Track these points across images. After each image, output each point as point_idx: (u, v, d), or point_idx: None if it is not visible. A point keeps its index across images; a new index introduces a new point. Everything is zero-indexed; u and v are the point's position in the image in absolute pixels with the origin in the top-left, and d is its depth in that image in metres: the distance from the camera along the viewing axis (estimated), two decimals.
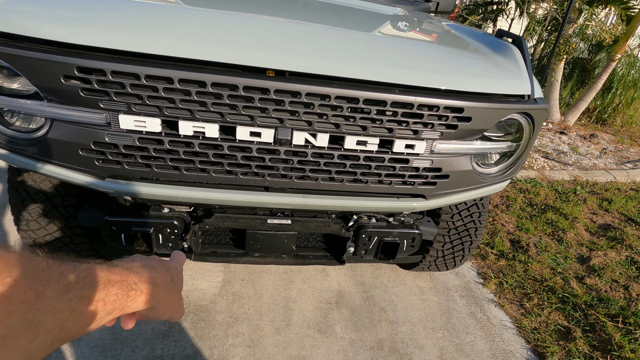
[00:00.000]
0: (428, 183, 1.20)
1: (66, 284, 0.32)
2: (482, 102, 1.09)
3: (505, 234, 2.72)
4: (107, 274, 0.37)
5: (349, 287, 2.13)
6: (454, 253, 1.91)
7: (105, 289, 0.36)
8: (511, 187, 3.39)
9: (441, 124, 1.09)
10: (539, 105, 1.19)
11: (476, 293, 2.21)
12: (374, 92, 1.00)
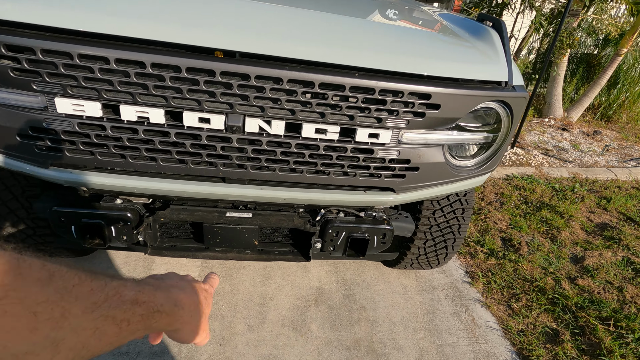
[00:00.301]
0: (396, 176, 1.13)
1: (93, 302, 0.32)
2: (453, 89, 1.01)
3: (497, 231, 2.63)
4: (136, 293, 0.37)
5: (330, 284, 2.07)
6: (437, 251, 1.83)
7: (131, 309, 0.35)
8: (507, 184, 3.29)
9: (407, 111, 1.01)
10: (517, 93, 1.11)
11: (462, 293, 2.13)
12: (330, 75, 0.92)
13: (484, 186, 3.20)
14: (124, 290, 0.36)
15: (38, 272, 0.28)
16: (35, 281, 0.27)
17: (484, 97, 1.06)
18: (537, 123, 5.21)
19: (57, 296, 0.29)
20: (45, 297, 0.27)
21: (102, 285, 0.34)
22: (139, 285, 0.39)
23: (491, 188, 3.18)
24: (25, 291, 0.26)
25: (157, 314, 0.39)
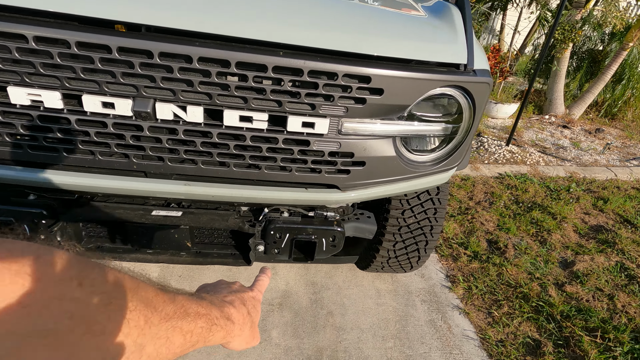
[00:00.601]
0: (339, 171, 0.99)
1: (167, 313, 0.34)
2: (398, 71, 0.87)
3: (483, 233, 2.48)
4: (197, 307, 0.39)
5: (298, 287, 1.95)
6: (408, 254, 1.70)
7: (194, 321, 0.38)
8: (498, 182, 3.14)
9: (344, 96, 0.87)
10: (478, 78, 0.97)
11: (441, 298, 1.99)
12: (248, 53, 0.79)
13: (473, 184, 3.06)
14: (188, 303, 0.38)
15: (130, 282, 0.31)
16: (129, 290, 0.30)
17: (438, 82, 0.93)
18: (537, 120, 5.02)
19: (142, 305, 0.31)
20: (135, 305, 0.30)
21: (172, 298, 0.36)
22: (198, 298, 0.42)
23: (481, 187, 3.03)
24: (123, 299, 0.29)
25: (215, 327, 0.41)
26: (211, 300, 0.44)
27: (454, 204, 2.79)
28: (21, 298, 0.23)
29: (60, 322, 0.24)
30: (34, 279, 0.24)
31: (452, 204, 2.79)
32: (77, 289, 0.26)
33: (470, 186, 3.03)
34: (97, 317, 0.26)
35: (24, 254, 0.25)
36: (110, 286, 0.29)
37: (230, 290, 0.50)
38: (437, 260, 2.26)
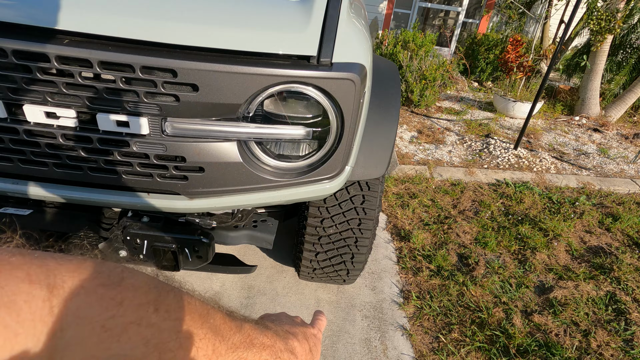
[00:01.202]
0: (174, 177, 0.88)
1: (233, 343, 0.34)
2: (215, 63, 0.73)
3: (456, 246, 2.24)
4: (263, 337, 0.39)
5: (232, 290, 1.86)
6: (334, 266, 1.55)
7: (259, 353, 0.37)
8: (492, 190, 2.83)
9: (152, 92, 0.75)
10: (332, 73, 0.80)
11: (386, 315, 1.82)
12: (27, 41, 0.70)
13: (462, 191, 2.78)
14: (254, 333, 0.38)
15: (200, 308, 0.31)
16: (199, 317, 0.30)
17: (273, 78, 0.78)
18: (565, 121, 4.51)
19: (211, 333, 0.31)
20: (204, 333, 0.30)
21: (239, 326, 0.36)
22: (264, 329, 0.41)
23: (470, 194, 2.75)
24: (194, 326, 0.29)
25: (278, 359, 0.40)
26: (276, 331, 0.43)
27: (433, 212, 2.55)
28: (104, 322, 0.23)
29: (136, 348, 0.24)
30: (116, 302, 0.24)
31: (431, 211, 2.55)
32: (153, 315, 0.26)
33: (458, 193, 2.76)
34: (169, 344, 0.26)
35: (111, 277, 0.25)
36: (183, 312, 0.29)
37: (293, 323, 0.49)
38: (397, 272, 2.07)
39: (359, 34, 0.90)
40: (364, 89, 0.90)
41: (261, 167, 0.91)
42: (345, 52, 0.84)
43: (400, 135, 3.76)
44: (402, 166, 3.06)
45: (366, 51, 0.90)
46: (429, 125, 4.04)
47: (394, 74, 1.44)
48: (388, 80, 1.37)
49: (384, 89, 1.32)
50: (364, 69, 0.87)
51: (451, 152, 3.44)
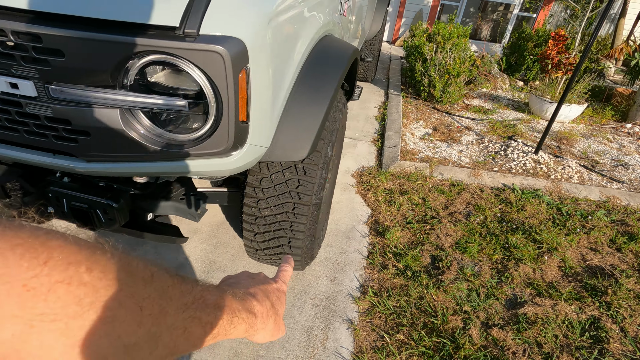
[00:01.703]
0: (64, 139, 0.94)
1: (184, 303, 0.34)
2: (76, 30, 0.78)
3: (433, 248, 2.12)
4: (217, 298, 0.39)
5: (195, 264, 1.95)
6: (273, 248, 1.55)
7: (214, 313, 0.37)
8: (493, 195, 2.62)
9: (24, 56, 0.82)
10: (196, 44, 0.81)
11: (338, 307, 1.79)
12: None
13: (459, 192, 2.61)
14: (207, 294, 0.37)
15: (143, 271, 0.30)
16: (141, 279, 0.30)
17: (138, 47, 0.80)
18: (612, 128, 4.00)
19: (157, 294, 0.30)
20: (148, 294, 0.30)
21: (190, 288, 0.35)
22: (219, 290, 0.40)
23: (468, 196, 2.57)
24: (135, 287, 0.29)
25: (236, 319, 0.41)
26: (233, 293, 0.43)
27: (420, 211, 2.43)
28: (26, 281, 0.22)
29: (68, 307, 0.24)
30: (40, 262, 0.23)
31: (418, 210, 2.44)
32: (85, 274, 0.25)
33: (454, 194, 2.60)
34: (107, 303, 0.26)
35: (32, 237, 0.24)
36: (122, 273, 0.28)
37: (253, 282, 0.49)
38: (363, 267, 2.02)
39: (244, 8, 0.89)
40: (244, 63, 0.89)
41: (146, 136, 0.95)
42: (218, 24, 0.84)
43: (413, 131, 3.61)
44: (402, 162, 2.94)
45: (252, 26, 0.89)
46: (448, 122, 3.82)
47: (341, 59, 1.39)
48: (331, 64, 1.33)
49: (322, 72, 1.29)
50: (241, 43, 0.86)
51: (462, 152, 3.23)
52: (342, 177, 2.78)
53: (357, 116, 3.91)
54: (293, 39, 1.14)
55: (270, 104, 1.08)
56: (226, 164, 1.04)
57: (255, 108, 1.01)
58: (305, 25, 1.21)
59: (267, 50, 0.97)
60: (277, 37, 1.02)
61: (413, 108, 4.12)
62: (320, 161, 1.41)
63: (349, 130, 3.56)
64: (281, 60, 1.08)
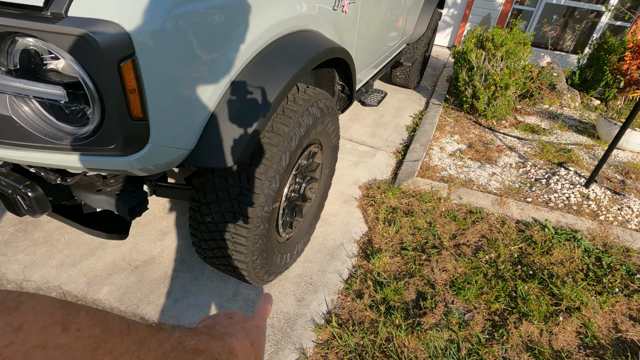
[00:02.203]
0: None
1: (162, 353, 0.33)
2: None
3: (423, 282, 1.83)
4: (196, 343, 0.38)
5: (166, 260, 1.90)
6: (219, 259, 1.43)
7: (193, 358, 0.37)
8: (516, 230, 2.21)
9: None
10: (59, 27, 0.71)
11: (295, 332, 1.62)
12: None
13: (475, 222, 2.25)
14: (185, 340, 0.37)
15: (119, 324, 0.30)
16: (118, 332, 0.29)
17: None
18: None
19: (135, 347, 0.30)
20: (126, 347, 0.29)
21: (167, 336, 0.35)
22: (196, 334, 0.40)
23: (484, 227, 2.21)
24: (112, 341, 0.28)
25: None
26: (210, 334, 0.42)
27: (421, 237, 2.14)
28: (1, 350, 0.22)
29: None
30: (14, 328, 0.23)
31: (420, 235, 2.15)
32: (62, 335, 0.25)
33: (468, 223, 2.25)
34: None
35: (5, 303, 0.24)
36: (97, 329, 0.28)
37: (231, 321, 0.48)
38: (337, 291, 1.82)
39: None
40: (127, 52, 0.77)
41: (34, 123, 0.88)
42: (93, 5, 0.74)
43: (443, 145, 3.25)
44: (418, 179, 2.65)
45: (141, 10, 0.77)
46: (487, 139, 3.39)
47: (300, 58, 1.21)
48: (280, 65, 1.17)
49: (265, 73, 1.13)
50: (119, 29, 0.75)
51: (494, 175, 2.82)
52: (348, 188, 2.58)
53: (387, 124, 3.65)
54: (227, 32, 1.00)
55: (186, 102, 0.96)
56: (125, 164, 0.94)
57: (159, 105, 0.90)
58: (248, 17, 1.06)
59: (170, 41, 0.85)
60: (192, 28, 0.89)
61: (452, 120, 3.73)
62: (269, 170, 1.26)
63: (373, 139, 3.32)
64: (204, 54, 0.95)
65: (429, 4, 3.79)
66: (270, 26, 1.17)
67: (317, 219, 2.07)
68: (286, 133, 1.29)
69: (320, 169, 1.92)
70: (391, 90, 4.56)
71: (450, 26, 7.41)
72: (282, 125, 1.29)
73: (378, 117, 3.79)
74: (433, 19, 4.02)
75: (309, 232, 2.00)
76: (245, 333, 0.46)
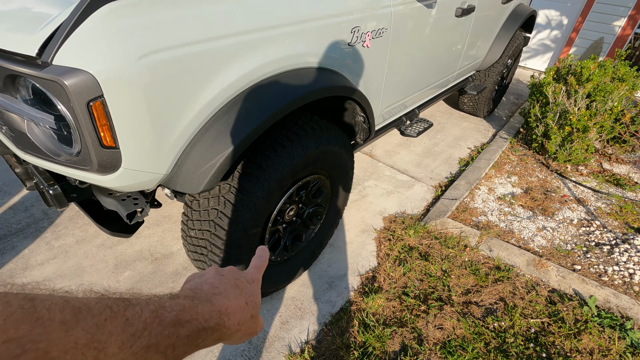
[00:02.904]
0: (4, 132, 1.18)
1: (131, 334, 0.28)
2: None
3: (412, 336, 1.71)
4: (177, 314, 0.33)
5: (157, 247, 2.12)
6: (201, 267, 1.55)
7: (174, 332, 0.32)
8: (547, 300, 1.90)
9: None
10: (42, 73, 0.88)
11: (268, 354, 1.67)
12: None
13: (500, 280, 2.01)
14: (163, 312, 0.32)
15: (60, 313, 0.23)
16: (59, 325, 0.23)
17: (6, 70, 0.94)
18: None
19: (88, 337, 0.24)
20: (73, 341, 0.23)
21: (137, 312, 0.30)
22: (177, 301, 0.35)
23: (506, 289, 1.95)
24: (48, 340, 0.22)
25: (203, 331, 0.35)
26: (196, 297, 0.38)
27: (429, 284, 1.99)
28: None
29: None
30: None
31: (428, 282, 2.00)
32: None
33: (490, 280, 2.02)
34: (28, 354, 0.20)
35: None
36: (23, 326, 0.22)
37: (222, 278, 0.43)
38: (324, 322, 1.82)
39: (103, 44, 0.92)
40: (95, 94, 0.92)
41: (43, 143, 1.10)
42: (72, 56, 0.90)
43: (494, 186, 2.94)
44: (448, 220, 2.46)
45: (109, 60, 0.91)
46: (552, 187, 2.96)
47: (276, 98, 1.26)
48: (260, 103, 1.23)
49: (244, 110, 1.21)
50: (88, 75, 0.90)
51: (544, 230, 2.46)
52: (372, 218, 2.52)
53: (438, 154, 3.45)
54: (197, 78, 1.10)
55: (156, 134, 1.09)
56: (106, 181, 1.10)
57: (130, 136, 1.04)
58: (220, 64, 1.13)
59: (134, 85, 0.98)
60: (161, 74, 1.01)
61: (515, 158, 3.35)
62: (247, 200, 1.34)
63: (416, 168, 3.17)
64: (173, 96, 1.07)
65: (508, 28, 3.47)
66: (259, 65, 1.24)
67: (322, 245, 2.08)
68: (268, 166, 1.35)
69: (328, 198, 1.93)
70: (457, 117, 4.28)
71: (551, 50, 6.61)
72: (266, 157, 1.36)
73: (431, 145, 3.60)
74: (513, 44, 3.67)
75: (312, 256, 2.02)
76: (238, 291, 0.42)
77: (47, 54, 0.90)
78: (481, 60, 3.49)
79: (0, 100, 1.05)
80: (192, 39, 1.04)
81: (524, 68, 6.54)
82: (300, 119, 1.50)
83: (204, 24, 1.07)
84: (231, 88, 1.19)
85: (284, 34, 1.29)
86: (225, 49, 1.12)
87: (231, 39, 1.14)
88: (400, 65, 2.08)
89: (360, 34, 1.64)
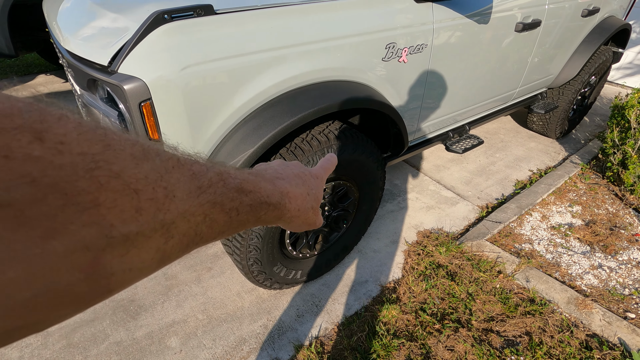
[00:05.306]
0: None
1: (197, 186, 0.28)
2: (77, 62, 1.27)
3: (420, 352, 1.70)
4: (240, 182, 0.33)
5: (183, 272, 2.36)
6: (229, 254, 1.75)
7: (238, 198, 0.32)
8: (580, 344, 1.72)
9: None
10: (109, 78, 1.13)
11: (280, 342, 1.82)
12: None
13: (528, 313, 1.87)
14: (227, 177, 0.32)
15: (130, 147, 0.23)
16: (129, 156, 0.22)
17: (87, 75, 1.22)
18: None
19: (156, 175, 0.24)
20: (144, 174, 0.23)
21: (203, 170, 0.29)
22: (243, 173, 0.35)
23: (534, 323, 1.82)
24: (121, 165, 0.21)
25: (265, 205, 0.36)
26: (260, 176, 0.38)
27: (450, 304, 1.94)
28: None
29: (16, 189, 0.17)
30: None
31: (449, 303, 1.95)
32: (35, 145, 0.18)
33: (519, 312, 1.89)
34: (78, 184, 0.19)
35: None
36: (96, 145, 0.20)
37: (286, 168, 0.44)
38: (336, 322, 1.90)
39: (155, 58, 1.15)
40: (145, 97, 1.15)
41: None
42: (133, 66, 1.15)
43: (550, 214, 2.70)
44: (485, 242, 2.35)
45: (158, 70, 1.14)
46: (623, 222, 2.62)
47: (295, 109, 1.38)
48: (282, 111, 1.38)
49: (268, 118, 1.36)
50: (140, 82, 1.13)
51: (599, 269, 2.21)
52: (406, 230, 2.52)
53: (493, 174, 3.26)
54: (231, 87, 1.28)
55: (193, 132, 1.30)
56: None
57: (170, 132, 1.26)
58: (253, 76, 1.31)
59: (177, 90, 1.19)
60: (197, 81, 1.21)
61: (583, 187, 3.02)
62: None
63: (464, 186, 3.05)
64: (208, 99, 1.26)
65: (589, 43, 3.15)
66: (287, 77, 1.39)
67: (346, 250, 2.16)
68: None
69: (354, 204, 2.00)
70: (524, 136, 3.98)
71: None
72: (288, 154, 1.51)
73: (487, 163, 3.41)
74: (596, 60, 3.31)
75: (335, 260, 2.12)
76: (300, 181, 0.43)
77: (115, 64, 1.15)
78: (553, 77, 3.22)
79: (85, 97, 1.35)
80: (227, 54, 1.23)
81: (622, 86, 5.76)
82: (327, 128, 1.62)
83: (243, 41, 1.25)
84: (261, 96, 1.36)
85: (311, 51, 1.42)
86: (256, 62, 1.30)
87: (263, 54, 1.31)
88: (444, 80, 2.07)
89: (395, 50, 1.70)
